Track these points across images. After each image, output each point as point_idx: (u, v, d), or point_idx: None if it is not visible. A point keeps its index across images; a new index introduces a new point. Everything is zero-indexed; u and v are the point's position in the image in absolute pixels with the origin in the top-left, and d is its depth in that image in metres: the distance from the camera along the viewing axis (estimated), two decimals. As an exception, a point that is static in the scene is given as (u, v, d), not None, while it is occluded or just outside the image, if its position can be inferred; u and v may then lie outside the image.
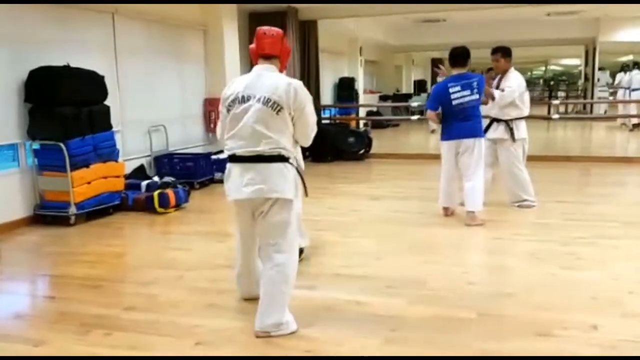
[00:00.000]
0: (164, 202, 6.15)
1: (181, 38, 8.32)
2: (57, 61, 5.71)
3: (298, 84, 3.15)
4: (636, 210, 5.85)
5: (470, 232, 5.23)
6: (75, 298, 3.80)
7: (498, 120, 5.93)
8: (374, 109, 16.19)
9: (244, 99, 3.12)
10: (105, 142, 5.96)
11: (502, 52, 5.97)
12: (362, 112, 15.29)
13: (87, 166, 5.74)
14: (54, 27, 6.07)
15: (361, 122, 13.75)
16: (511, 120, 5.91)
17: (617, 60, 21.18)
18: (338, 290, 3.79)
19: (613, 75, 16.88)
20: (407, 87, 21.48)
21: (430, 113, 5.62)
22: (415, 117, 13.43)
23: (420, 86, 22.52)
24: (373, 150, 10.21)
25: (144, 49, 7.55)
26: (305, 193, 3.45)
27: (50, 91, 5.51)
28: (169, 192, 6.23)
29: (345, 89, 13.89)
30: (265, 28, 3.29)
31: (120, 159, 6.36)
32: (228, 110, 3.20)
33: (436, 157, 10.14)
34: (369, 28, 14.68)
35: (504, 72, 5.98)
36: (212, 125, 8.82)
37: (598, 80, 16.67)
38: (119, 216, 6.10)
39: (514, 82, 5.87)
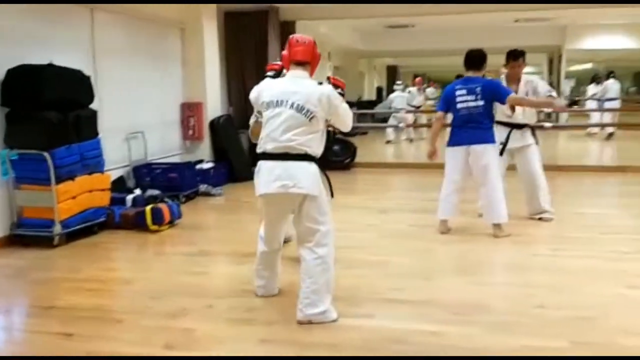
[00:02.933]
0: (157, 218, 5.68)
1: (158, 36, 7.84)
2: (33, 59, 5.18)
3: (329, 90, 3.42)
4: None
5: (503, 247, 5.06)
6: (97, 335, 3.35)
7: (521, 127, 5.80)
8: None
9: (279, 103, 3.38)
10: (91, 151, 5.45)
11: (524, 56, 5.86)
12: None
13: (72, 178, 5.23)
14: (30, 21, 5.52)
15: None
16: (533, 125, 5.85)
17: (575, 69, 21.97)
18: (400, 319, 3.51)
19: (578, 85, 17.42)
20: (369, 94, 21.48)
21: (438, 114, 5.57)
22: (402, 125, 13.31)
23: (379, 93, 22.60)
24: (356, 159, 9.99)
25: (122, 48, 7.04)
26: (331, 194, 3.63)
27: (32, 93, 4.97)
28: (163, 207, 5.78)
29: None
30: (297, 36, 3.56)
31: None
32: (263, 112, 3.46)
33: (426, 166, 10.08)
34: (340, 32, 14.54)
35: (518, 78, 5.84)
36: (190, 132, 8.37)
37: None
38: (106, 235, 5.59)
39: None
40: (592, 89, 16.08)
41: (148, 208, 5.70)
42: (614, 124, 13.83)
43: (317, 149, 3.44)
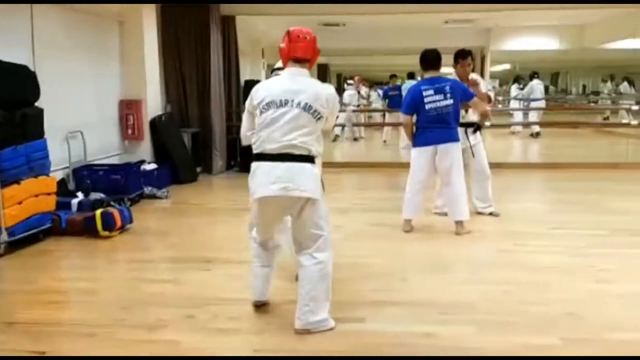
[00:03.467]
0: (109, 223, 5.37)
1: (96, 30, 7.43)
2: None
3: (333, 91, 3.38)
4: (605, 217, 6.13)
5: (467, 244, 5.16)
6: (73, 352, 3.11)
7: (470, 126, 5.92)
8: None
9: (282, 103, 3.21)
10: (38, 152, 5.09)
11: (471, 55, 6.01)
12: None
13: (18, 182, 4.85)
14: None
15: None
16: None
17: (495, 69, 22.84)
18: (392, 322, 3.48)
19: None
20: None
21: (405, 118, 5.51)
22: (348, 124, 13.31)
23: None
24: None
25: (60, 42, 6.62)
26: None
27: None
28: (114, 211, 5.47)
29: (252, 92, 13.40)
30: (297, 30, 3.34)
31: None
32: (261, 113, 3.25)
33: (372, 165, 10.18)
34: (276, 29, 14.36)
35: (466, 77, 5.97)
36: (129, 132, 8.01)
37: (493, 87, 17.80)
38: (53, 242, 5.23)
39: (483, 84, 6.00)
40: (514, 90, 16.81)
41: (98, 213, 5.38)
42: (540, 123, 14.50)
43: (319, 148, 3.30)
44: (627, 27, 14.54)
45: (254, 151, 3.30)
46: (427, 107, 5.27)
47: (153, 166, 7.68)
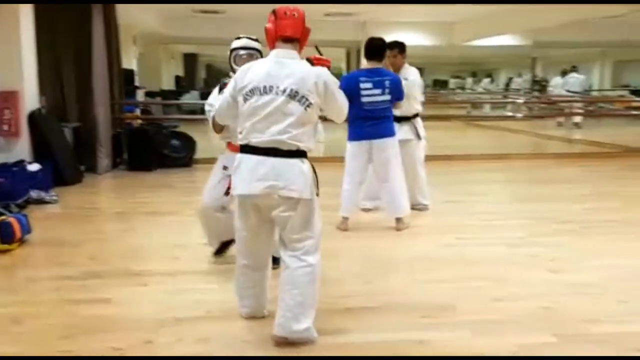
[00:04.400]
0: (7, 235, 4.61)
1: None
2: None
3: (325, 74, 3.03)
4: (523, 206, 6.39)
5: (412, 240, 5.12)
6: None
7: (401, 120, 5.87)
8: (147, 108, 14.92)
9: (266, 90, 2.94)
10: None
11: (400, 47, 5.94)
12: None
13: None
14: None
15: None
16: (414, 117, 5.97)
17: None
18: (377, 331, 3.26)
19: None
20: (167, 83, 20.39)
21: None
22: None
23: (178, 83, 21.69)
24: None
25: None
26: (317, 192, 3.08)
27: None
28: (12, 220, 4.71)
29: (128, 82, 12.46)
30: (284, 7, 3.05)
31: None
32: (245, 100, 2.98)
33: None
34: (147, 15, 13.51)
35: (399, 70, 5.94)
36: (5, 127, 7.02)
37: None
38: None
39: (414, 75, 5.92)
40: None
41: (-7, 223, 4.60)
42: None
43: (310, 143, 3.01)
44: (493, 25, 15.54)
45: (239, 142, 3.03)
46: (363, 99, 5.09)
47: (37, 167, 6.79)
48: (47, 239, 5.03)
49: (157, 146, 8.66)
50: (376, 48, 5.20)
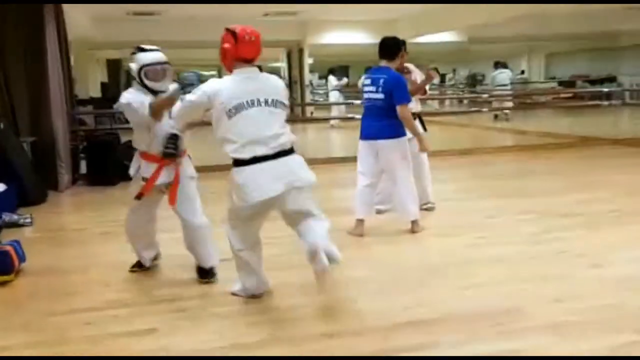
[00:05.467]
0: (5, 265, 4.22)
1: None
2: None
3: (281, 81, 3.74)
4: (523, 200, 6.49)
5: (435, 243, 5.08)
6: None
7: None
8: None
9: (250, 104, 3.37)
10: None
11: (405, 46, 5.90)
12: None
13: None
14: None
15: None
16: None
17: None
18: (459, 343, 3.16)
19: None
20: (94, 91, 19.47)
21: None
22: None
23: (104, 90, 20.77)
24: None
25: None
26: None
27: None
28: (9, 248, 4.30)
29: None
30: (242, 30, 3.39)
31: None
32: (230, 117, 3.36)
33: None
34: (82, 18, 12.86)
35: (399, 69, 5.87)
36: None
37: (311, 82, 18.11)
38: None
39: (418, 74, 5.96)
40: (333, 81, 17.25)
41: (-11, 253, 4.17)
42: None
43: (292, 137, 3.51)
44: (435, 22, 15.87)
45: (238, 156, 3.36)
46: (365, 96, 5.20)
47: (2, 187, 6.27)
48: (44, 267, 4.62)
49: (119, 158, 8.20)
50: (388, 47, 5.21)
